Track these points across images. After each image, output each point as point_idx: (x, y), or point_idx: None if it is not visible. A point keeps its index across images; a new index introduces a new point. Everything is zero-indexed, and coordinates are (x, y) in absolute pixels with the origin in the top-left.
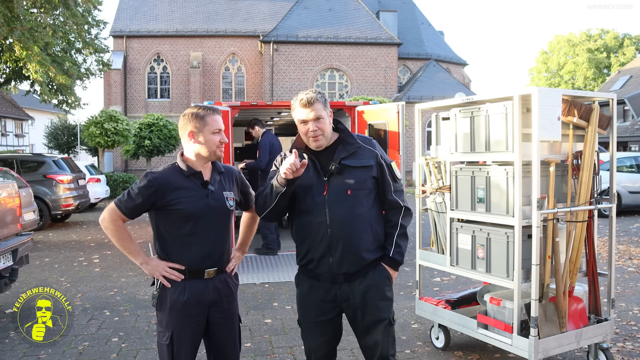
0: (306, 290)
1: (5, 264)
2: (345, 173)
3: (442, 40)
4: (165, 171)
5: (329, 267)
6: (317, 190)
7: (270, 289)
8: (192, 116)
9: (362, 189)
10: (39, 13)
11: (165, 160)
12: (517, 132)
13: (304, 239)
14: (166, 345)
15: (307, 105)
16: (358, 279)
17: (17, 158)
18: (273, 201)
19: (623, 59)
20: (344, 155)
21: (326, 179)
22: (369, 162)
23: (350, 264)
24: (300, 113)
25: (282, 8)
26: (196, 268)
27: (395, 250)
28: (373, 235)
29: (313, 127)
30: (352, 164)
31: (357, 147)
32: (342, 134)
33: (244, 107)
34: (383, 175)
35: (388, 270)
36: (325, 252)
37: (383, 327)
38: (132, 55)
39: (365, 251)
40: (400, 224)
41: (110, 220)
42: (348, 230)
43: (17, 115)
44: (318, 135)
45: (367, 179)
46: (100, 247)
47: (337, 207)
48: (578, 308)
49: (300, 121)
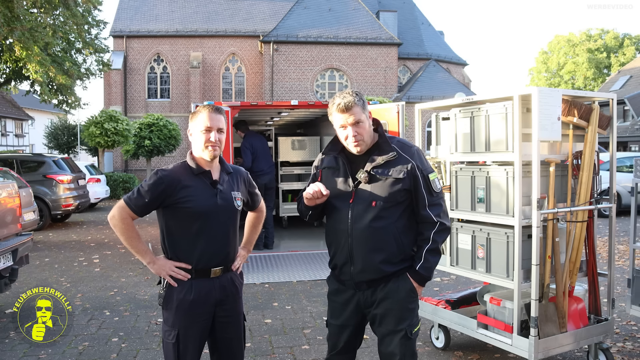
0: (333, 293)
1: (5, 264)
2: (374, 183)
3: (442, 40)
4: (175, 169)
5: (350, 275)
6: (344, 197)
7: (270, 289)
8: (191, 113)
9: (390, 202)
10: (39, 13)
11: (165, 160)
12: (517, 132)
13: (331, 244)
14: (172, 344)
15: (345, 110)
16: (380, 285)
17: (17, 158)
18: (307, 213)
19: (623, 59)
20: (376, 165)
21: (354, 186)
22: (402, 174)
23: (370, 274)
24: (338, 118)
25: (282, 8)
26: (203, 266)
27: (423, 265)
28: (398, 247)
29: (353, 132)
30: (382, 175)
31: (393, 157)
32: (380, 139)
33: (244, 107)
34: (417, 188)
35: (412, 282)
36: (347, 260)
37: (399, 339)
38: (132, 55)
39: (386, 264)
40: (432, 239)
41: (119, 218)
42: (367, 243)
43: (17, 115)
44: (359, 140)
45: (397, 192)
46: (100, 247)
47: (359, 217)
48: (578, 308)
49: (339, 126)
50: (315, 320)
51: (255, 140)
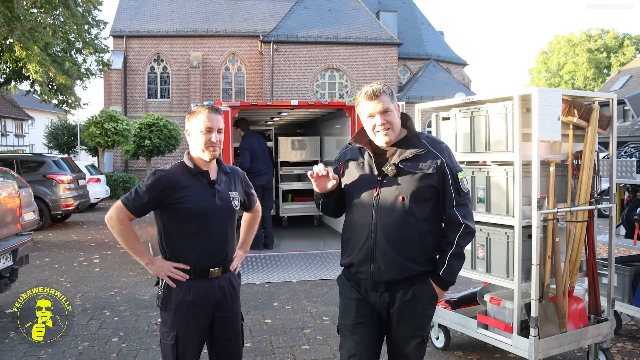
0: (346, 292)
1: (5, 264)
2: (401, 177)
3: (442, 40)
4: (173, 169)
5: (369, 274)
6: (368, 190)
7: (270, 289)
8: (190, 113)
9: (416, 197)
10: (39, 13)
11: (165, 160)
12: (517, 132)
13: (348, 240)
14: (171, 345)
15: (374, 97)
16: (401, 289)
17: (17, 158)
18: (318, 201)
19: (623, 59)
20: (404, 157)
21: (380, 179)
22: (430, 169)
23: (392, 272)
24: (366, 107)
25: (282, 8)
26: (201, 267)
27: (446, 270)
28: (423, 247)
29: (381, 120)
30: (411, 169)
31: (422, 151)
32: (409, 132)
33: (244, 107)
34: (445, 185)
35: (435, 289)
36: (366, 258)
37: (415, 344)
38: (132, 55)
39: (410, 261)
40: (456, 243)
41: (117, 219)
42: (393, 237)
43: (17, 115)
44: (387, 129)
45: (425, 188)
46: (100, 247)
47: (385, 211)
48: (578, 308)
49: (367, 115)
50: (315, 320)
51: (254, 140)
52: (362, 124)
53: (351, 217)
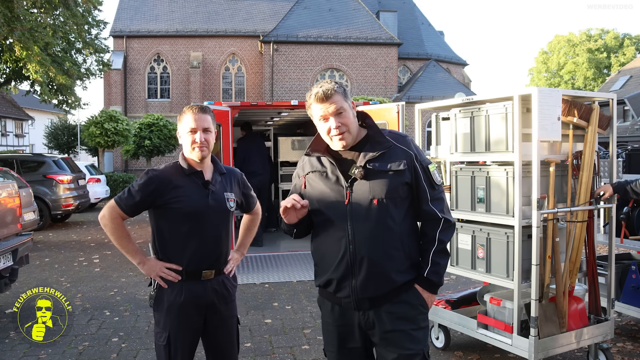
0: (327, 314)
1: (5, 264)
2: (371, 178)
3: (442, 40)
4: (166, 169)
5: (351, 291)
6: (337, 200)
7: (270, 289)
8: (178, 115)
9: (392, 198)
10: (39, 13)
11: (165, 160)
12: (517, 132)
13: (322, 257)
14: (163, 346)
15: (325, 98)
16: (386, 304)
17: (17, 158)
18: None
19: (623, 59)
20: (371, 157)
21: (348, 186)
22: (401, 165)
23: (376, 287)
24: (317, 109)
25: (282, 8)
26: (193, 268)
27: (432, 270)
28: (404, 253)
29: (335, 123)
30: (380, 168)
31: (388, 147)
32: (370, 130)
33: (244, 107)
34: (418, 180)
35: (422, 295)
36: (347, 273)
37: None
38: (132, 55)
39: (395, 272)
40: (438, 239)
41: (109, 218)
42: (374, 246)
43: (17, 115)
44: (343, 132)
45: (398, 186)
46: (100, 247)
47: (360, 219)
48: (578, 308)
49: (319, 118)
50: (315, 320)
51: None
52: (317, 128)
53: (323, 232)
